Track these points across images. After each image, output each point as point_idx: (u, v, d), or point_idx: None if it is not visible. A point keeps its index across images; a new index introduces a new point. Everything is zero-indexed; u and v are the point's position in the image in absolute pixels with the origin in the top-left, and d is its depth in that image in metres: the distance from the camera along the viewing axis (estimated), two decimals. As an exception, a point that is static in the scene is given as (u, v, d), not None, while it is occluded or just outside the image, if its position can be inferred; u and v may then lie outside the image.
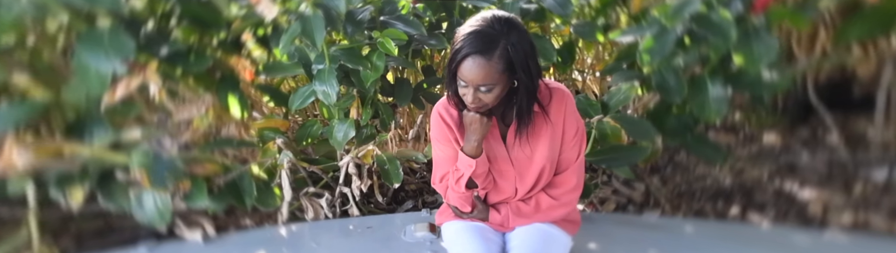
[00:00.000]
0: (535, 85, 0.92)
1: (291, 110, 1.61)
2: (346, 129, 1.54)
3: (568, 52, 1.84)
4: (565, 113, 1.01)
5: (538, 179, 1.09)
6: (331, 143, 1.57)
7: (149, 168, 1.28)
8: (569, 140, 1.05)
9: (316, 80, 1.47)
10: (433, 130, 1.07)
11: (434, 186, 1.15)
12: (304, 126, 1.66)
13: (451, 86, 0.94)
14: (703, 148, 1.59)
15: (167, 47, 1.37)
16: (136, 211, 1.36)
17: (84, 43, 1.21)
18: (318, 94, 1.47)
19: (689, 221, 1.53)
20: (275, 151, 1.54)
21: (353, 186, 1.53)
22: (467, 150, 1.01)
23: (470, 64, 0.85)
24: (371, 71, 1.44)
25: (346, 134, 1.53)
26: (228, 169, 1.46)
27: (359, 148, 1.58)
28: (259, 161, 1.52)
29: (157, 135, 1.35)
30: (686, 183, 1.99)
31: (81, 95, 1.27)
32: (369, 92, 1.57)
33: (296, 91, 1.57)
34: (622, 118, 1.46)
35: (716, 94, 1.40)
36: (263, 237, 1.48)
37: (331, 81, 1.43)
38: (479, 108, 0.94)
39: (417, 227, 1.36)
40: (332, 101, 1.44)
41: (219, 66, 1.55)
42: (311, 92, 1.51)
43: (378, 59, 1.45)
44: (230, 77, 1.55)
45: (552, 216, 1.14)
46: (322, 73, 1.46)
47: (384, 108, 1.64)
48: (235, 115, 1.55)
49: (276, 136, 1.57)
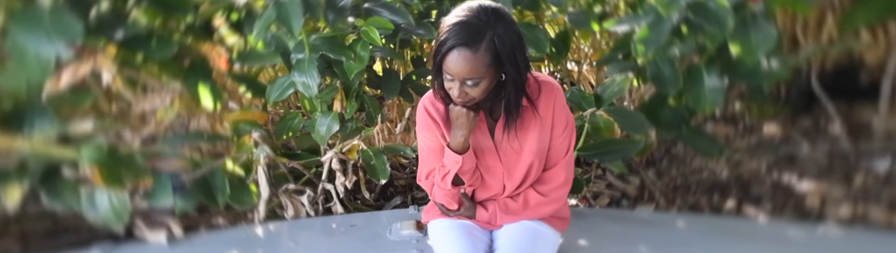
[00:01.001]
0: (523, 78, 0.90)
1: (269, 102, 1.55)
2: (330, 122, 1.50)
3: (562, 43, 1.80)
4: (554, 107, 1.00)
5: (526, 175, 1.08)
6: (313, 137, 1.53)
7: (102, 164, 1.19)
8: (558, 135, 1.04)
9: (295, 71, 1.41)
10: (419, 125, 1.06)
11: (420, 183, 1.14)
12: (285, 119, 1.60)
13: (436, 79, 0.92)
14: (698, 140, 1.58)
15: (123, 31, 1.27)
16: (88, 211, 1.27)
17: (20, 24, 1.11)
18: (297, 86, 1.41)
19: (683, 216, 1.52)
20: (251, 146, 1.48)
21: (337, 182, 1.50)
22: (454, 145, 0.99)
23: (455, 56, 0.84)
24: (355, 62, 1.39)
25: (330, 128, 1.49)
26: (198, 164, 1.41)
27: (343, 142, 1.55)
28: (233, 156, 1.47)
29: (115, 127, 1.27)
30: (682, 176, 1.98)
31: (20, 83, 1.15)
32: (354, 84, 1.52)
33: (274, 82, 1.51)
34: (616, 111, 1.43)
35: (712, 85, 1.38)
36: (237, 237, 1.44)
37: (311, 72, 1.38)
38: (465, 102, 0.92)
39: (404, 225, 1.34)
40: (313, 93, 1.39)
41: (187, 52, 1.46)
42: (291, 83, 1.45)
43: (362, 50, 1.40)
44: (200, 65, 1.47)
45: (541, 213, 1.13)
46: (302, 63, 1.40)
47: (370, 101, 1.60)
48: (207, 107, 1.48)
49: (252, 129, 1.52)
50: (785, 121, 1.98)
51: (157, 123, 1.40)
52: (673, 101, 1.53)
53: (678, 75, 1.40)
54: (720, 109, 2.02)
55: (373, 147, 1.53)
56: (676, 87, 1.40)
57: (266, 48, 1.49)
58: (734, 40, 1.24)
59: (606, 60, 1.62)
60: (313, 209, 1.54)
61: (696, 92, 1.39)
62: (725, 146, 1.98)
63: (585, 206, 1.82)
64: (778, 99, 1.92)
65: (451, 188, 1.08)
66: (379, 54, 1.58)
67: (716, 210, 1.76)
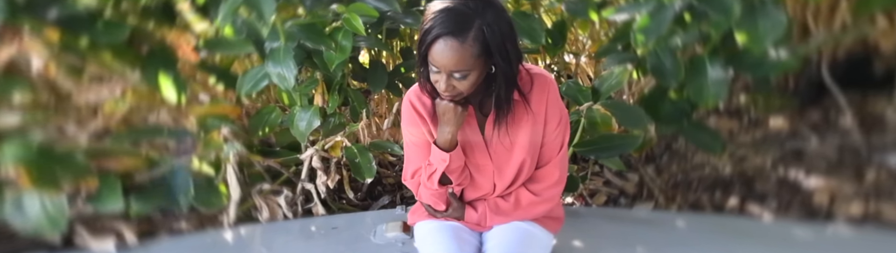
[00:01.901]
0: (513, 71, 0.86)
1: (241, 95, 1.45)
2: (310, 117, 1.42)
3: (559, 33, 1.74)
4: (548, 101, 0.96)
5: (518, 173, 1.05)
6: (292, 133, 1.46)
7: (31, 163, 1.08)
8: (551, 131, 1.00)
9: (269, 61, 1.33)
10: (404, 121, 1.01)
11: (405, 182, 1.09)
12: (260, 113, 1.52)
13: (422, 71, 0.88)
14: (700, 135, 1.53)
15: (58, 10, 1.15)
16: (13, 217, 1.16)
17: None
18: (272, 77, 1.34)
19: (683, 215, 1.48)
20: (220, 142, 1.40)
21: (318, 181, 1.44)
22: (440, 142, 0.96)
23: (441, 47, 0.80)
24: (336, 52, 1.31)
25: (310, 123, 1.42)
26: (156, 163, 1.32)
27: (326, 139, 1.48)
28: (200, 154, 1.38)
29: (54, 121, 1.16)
30: (682, 172, 1.94)
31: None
32: (336, 76, 1.45)
33: (245, 73, 1.42)
34: (613, 105, 1.39)
35: (715, 77, 1.33)
36: (201, 243, 1.36)
37: (287, 62, 1.29)
38: (453, 96, 0.88)
39: (389, 226, 1.29)
40: (290, 86, 1.31)
41: (145, 38, 1.35)
42: (265, 74, 1.37)
43: (344, 39, 1.33)
44: (161, 52, 1.36)
45: (533, 213, 1.09)
46: (277, 52, 1.32)
47: (355, 95, 1.53)
48: (170, 99, 1.37)
49: (222, 124, 1.43)
50: (792, 114, 1.94)
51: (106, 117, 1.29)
52: (674, 95, 1.48)
53: (679, 67, 1.35)
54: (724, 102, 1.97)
55: (357, 144, 1.46)
56: (678, 79, 1.35)
57: (236, 35, 1.40)
58: (740, 28, 1.19)
59: (605, 52, 1.57)
60: (292, 211, 1.48)
61: (699, 84, 1.34)
62: (729, 141, 1.94)
63: (581, 204, 1.78)
64: (785, 90, 1.87)
65: (438, 188, 1.04)
66: (364, 44, 1.50)
67: (718, 208, 1.72)
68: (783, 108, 1.93)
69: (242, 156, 1.37)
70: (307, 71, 1.51)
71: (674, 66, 1.35)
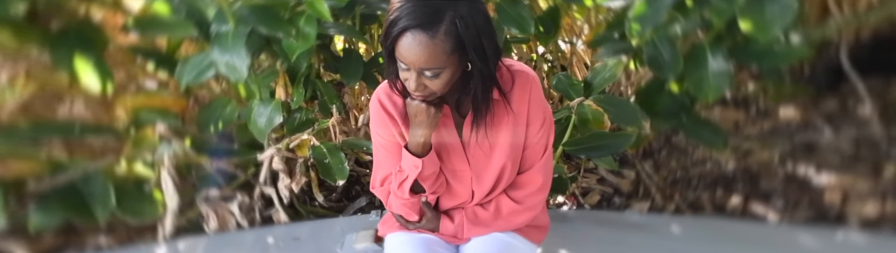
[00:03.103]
0: (490, 69, 0.82)
1: (182, 85, 1.31)
2: (271, 113, 1.33)
3: (552, 20, 1.66)
4: (530, 101, 0.92)
5: (498, 179, 0.99)
6: (250, 130, 1.37)
7: None
8: (534, 133, 0.96)
9: (215, 47, 1.22)
10: (372, 122, 0.96)
11: (373, 190, 1.04)
12: (211, 107, 1.40)
13: (389, 67, 0.82)
14: (700, 131, 1.49)
15: None
16: None
17: None
18: (219, 67, 1.22)
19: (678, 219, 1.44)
20: (155, 141, 1.29)
21: (281, 185, 1.36)
22: (412, 146, 0.91)
23: (409, 41, 0.75)
24: (298, 40, 1.22)
25: (271, 119, 1.34)
26: (62, 167, 1.20)
27: (292, 137, 1.40)
28: (126, 155, 1.26)
29: None
30: (682, 169, 1.90)
31: None
32: (301, 66, 1.35)
33: (187, 59, 1.29)
34: (606, 100, 1.33)
35: (717, 69, 1.27)
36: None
37: (237, 50, 1.18)
38: (425, 96, 0.84)
39: (359, 236, 1.23)
40: (241, 77, 1.21)
41: (55, 12, 1.19)
42: (210, 63, 1.25)
43: (307, 25, 1.22)
44: (78, 31, 1.20)
45: (515, 223, 1.05)
46: (224, 37, 1.20)
47: (325, 88, 1.45)
48: (90, 88, 1.21)
49: (160, 118, 1.31)
50: (805, 103, 1.87)
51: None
52: (675, 87, 1.43)
53: (678, 57, 1.29)
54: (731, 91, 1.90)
55: (327, 143, 1.38)
56: (675, 71, 1.30)
57: (174, 14, 1.26)
58: (745, 15, 1.12)
59: (600, 41, 1.50)
60: (248, 219, 1.40)
61: (699, 76, 1.29)
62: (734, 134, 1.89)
63: (573, 204, 1.74)
64: (799, 77, 1.79)
65: (410, 197, 0.99)
66: (333, 32, 1.41)
67: (719, 208, 1.68)
68: (795, 96, 1.86)
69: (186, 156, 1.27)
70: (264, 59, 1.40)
71: (672, 56, 1.30)
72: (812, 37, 1.29)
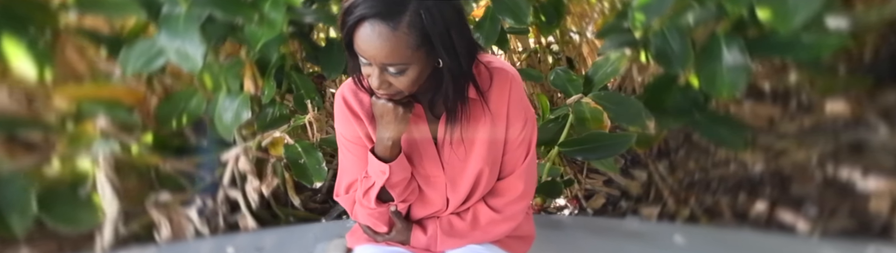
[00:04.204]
0: (461, 66, 0.79)
1: (127, 74, 1.25)
2: (238, 107, 1.30)
3: (554, 8, 1.60)
4: (509, 101, 0.89)
5: (475, 185, 0.97)
6: (216, 126, 1.34)
7: None
8: (514, 136, 0.93)
9: (164, 31, 1.15)
10: (336, 122, 0.94)
11: (338, 198, 1.02)
12: (172, 99, 1.36)
13: (351, 61, 0.79)
14: (716, 129, 1.42)
15: None
16: None
17: None
18: (169, 54, 1.16)
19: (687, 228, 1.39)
20: (95, 137, 1.22)
21: (249, 187, 1.35)
22: (379, 150, 0.89)
23: (368, 33, 0.72)
24: (263, 27, 1.17)
25: (238, 114, 1.30)
26: None
27: (264, 134, 1.38)
28: (60, 153, 1.19)
29: None
30: (701, 170, 1.83)
31: None
32: (271, 56, 1.31)
33: (132, 45, 1.23)
34: (607, 97, 1.30)
35: (732, 63, 1.21)
36: None
37: (190, 35, 1.12)
38: (390, 95, 0.81)
39: (331, 247, 1.20)
40: (195, 66, 1.15)
41: None
42: (160, 49, 1.19)
43: (273, 10, 1.17)
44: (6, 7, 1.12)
45: (493, 234, 1.02)
46: (174, 20, 1.14)
47: (301, 80, 1.40)
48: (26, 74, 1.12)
49: (105, 111, 1.24)
50: (859, 96, 1.75)
51: None
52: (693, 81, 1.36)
53: (688, 50, 1.24)
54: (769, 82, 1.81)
55: (303, 141, 1.35)
56: (684, 64, 1.25)
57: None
58: (762, 2, 1.05)
59: (609, 31, 1.45)
60: (209, 225, 1.36)
61: (711, 71, 1.23)
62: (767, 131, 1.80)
63: (575, 208, 1.70)
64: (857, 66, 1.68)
65: (377, 206, 0.96)
66: (310, 19, 1.37)
67: (740, 215, 1.62)
68: (849, 88, 1.75)
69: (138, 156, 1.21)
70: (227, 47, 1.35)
71: (682, 49, 1.24)
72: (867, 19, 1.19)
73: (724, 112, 1.61)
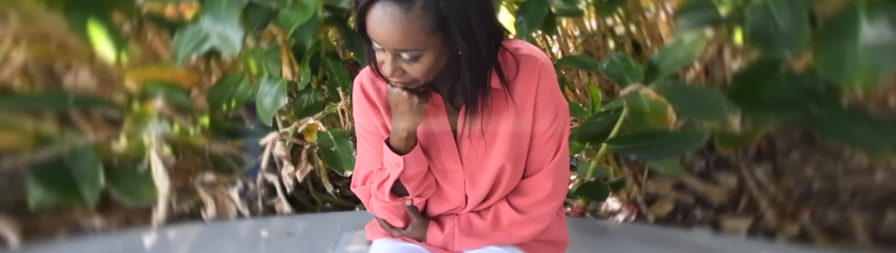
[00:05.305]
0: (481, 54, 0.77)
1: (179, 58, 1.34)
2: (276, 92, 1.35)
3: (616, -16, 1.48)
4: (537, 92, 0.87)
5: (496, 183, 0.95)
6: (257, 110, 1.41)
7: None
8: (542, 131, 0.91)
9: (207, 15, 1.23)
10: (354, 111, 0.94)
11: (354, 190, 1.03)
12: (223, 83, 1.45)
13: (367, 46, 0.79)
14: (844, 127, 1.23)
15: None
16: None
17: None
18: (212, 38, 1.24)
19: (787, 249, 1.20)
20: (153, 117, 1.33)
21: (284, 172, 1.41)
22: (394, 141, 0.89)
23: (379, 15, 0.71)
24: (295, 11, 1.21)
25: (276, 100, 1.36)
26: (49, 141, 1.23)
27: (300, 121, 1.43)
28: (126, 131, 1.31)
29: None
30: (826, 178, 1.59)
31: None
32: (306, 42, 1.35)
33: (183, 29, 1.32)
34: (673, 88, 1.17)
35: (875, 40, 1.04)
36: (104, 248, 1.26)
37: (230, 19, 1.19)
38: (405, 83, 0.81)
39: (355, 237, 1.24)
40: (234, 50, 1.22)
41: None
42: (206, 34, 1.27)
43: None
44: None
45: (516, 236, 0.99)
46: (217, 5, 1.21)
47: (336, 68, 1.44)
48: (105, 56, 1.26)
49: (165, 93, 1.34)
50: None
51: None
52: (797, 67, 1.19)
53: (803, 27, 1.08)
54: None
55: (335, 129, 1.39)
56: (794, 45, 1.10)
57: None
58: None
59: (689, 8, 1.28)
60: (250, 207, 1.45)
61: (838, 53, 1.06)
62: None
63: (632, 213, 1.56)
64: None
65: (392, 200, 0.97)
66: (344, 4, 1.38)
67: (881, 238, 1.38)
68: None
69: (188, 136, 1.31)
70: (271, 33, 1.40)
71: (793, 25, 1.09)
72: None
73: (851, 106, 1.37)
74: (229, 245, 1.32)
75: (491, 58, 0.79)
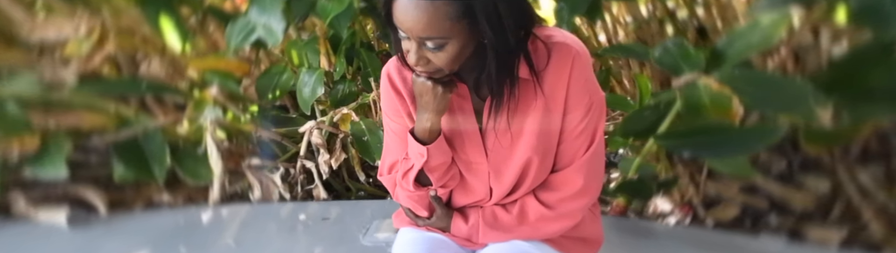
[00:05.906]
0: (508, 42, 0.78)
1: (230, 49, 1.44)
2: (314, 82, 1.42)
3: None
4: (570, 83, 0.87)
5: (522, 176, 0.96)
6: (298, 99, 1.48)
7: None
8: (574, 124, 0.91)
9: (254, 7, 1.32)
10: (383, 100, 0.97)
11: (381, 178, 1.06)
12: (269, 73, 1.54)
13: (394, 35, 0.81)
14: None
15: None
16: None
17: None
18: (258, 29, 1.33)
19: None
20: (209, 104, 1.43)
21: (321, 160, 1.46)
22: (418, 131, 0.91)
23: (405, 3, 0.74)
24: (332, 1, 1.26)
25: (314, 89, 1.43)
26: (128, 123, 1.35)
27: (336, 110, 1.48)
28: (188, 116, 1.42)
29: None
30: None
31: None
32: (342, 33, 1.39)
33: (235, 21, 1.41)
34: (744, 77, 1.07)
35: None
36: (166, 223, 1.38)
37: (274, 10, 1.28)
38: (429, 72, 0.83)
39: (384, 225, 1.27)
40: (276, 41, 1.30)
41: None
42: (254, 26, 1.37)
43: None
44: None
45: (543, 232, 0.99)
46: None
47: (369, 58, 1.48)
48: (173, 47, 1.38)
49: (219, 81, 1.44)
50: None
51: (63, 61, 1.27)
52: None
53: None
54: None
55: (367, 119, 1.43)
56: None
57: None
58: None
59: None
60: (290, 191, 1.54)
61: None
62: None
63: (686, 216, 1.43)
64: None
65: (415, 190, 0.99)
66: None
67: None
68: None
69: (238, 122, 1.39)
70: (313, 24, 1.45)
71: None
72: None
73: None
74: (271, 226, 1.43)
75: (520, 46, 0.79)
